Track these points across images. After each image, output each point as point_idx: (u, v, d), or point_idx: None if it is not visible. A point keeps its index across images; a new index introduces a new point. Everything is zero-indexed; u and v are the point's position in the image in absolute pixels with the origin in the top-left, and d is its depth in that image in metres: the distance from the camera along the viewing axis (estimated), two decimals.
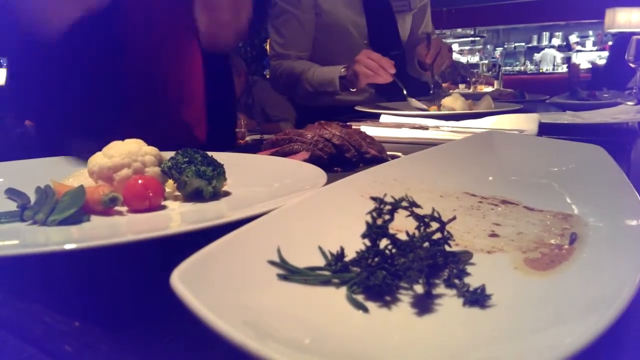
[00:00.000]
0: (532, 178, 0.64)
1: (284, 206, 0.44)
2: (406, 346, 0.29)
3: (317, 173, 0.67)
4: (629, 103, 1.67)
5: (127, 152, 0.63)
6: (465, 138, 0.77)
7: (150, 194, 0.59)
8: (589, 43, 9.46)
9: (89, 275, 0.44)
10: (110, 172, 0.62)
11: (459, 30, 9.76)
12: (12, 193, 0.62)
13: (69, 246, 0.40)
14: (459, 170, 0.65)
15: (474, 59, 9.72)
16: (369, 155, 0.91)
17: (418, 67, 2.13)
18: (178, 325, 0.35)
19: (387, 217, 0.37)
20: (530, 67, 9.76)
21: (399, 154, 0.95)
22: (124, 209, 0.59)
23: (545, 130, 1.18)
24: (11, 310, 0.37)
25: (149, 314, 0.38)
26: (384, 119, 1.43)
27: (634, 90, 2.02)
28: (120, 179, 0.62)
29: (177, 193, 0.64)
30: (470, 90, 3.96)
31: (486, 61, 9.13)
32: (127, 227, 0.56)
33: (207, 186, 0.61)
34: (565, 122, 1.35)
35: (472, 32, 10.00)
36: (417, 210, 0.39)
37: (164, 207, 0.60)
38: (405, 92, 1.83)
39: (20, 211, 0.55)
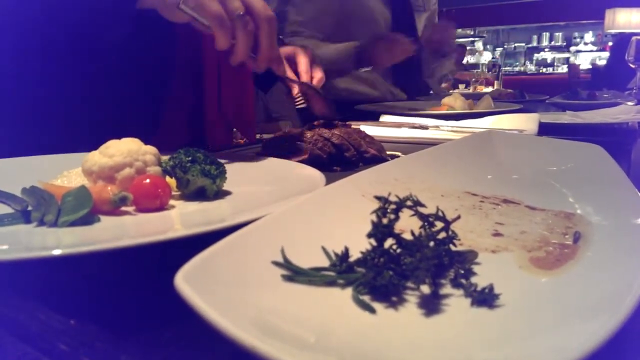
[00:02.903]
0: (532, 177, 0.64)
1: (285, 207, 0.44)
2: (414, 347, 0.29)
3: (315, 172, 0.67)
4: (629, 103, 1.68)
5: (128, 151, 0.63)
6: (464, 138, 0.77)
7: (161, 193, 0.58)
8: (588, 42, 9.47)
9: (87, 274, 0.44)
10: (111, 171, 0.61)
11: (459, 30, 9.76)
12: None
13: (96, 247, 0.40)
14: (459, 169, 0.65)
15: (474, 60, 9.73)
16: (369, 154, 0.91)
17: (431, 57, 2.16)
18: (176, 323, 0.35)
19: (392, 216, 0.37)
20: (530, 67, 9.77)
21: (399, 153, 0.95)
22: (130, 208, 0.58)
23: (545, 130, 1.18)
24: (7, 308, 0.37)
25: (147, 313, 0.38)
26: (383, 118, 1.43)
27: (634, 91, 2.03)
28: (123, 178, 0.61)
29: (175, 192, 0.64)
30: (470, 91, 3.97)
31: (486, 61, 9.14)
32: (142, 228, 0.55)
33: (211, 185, 0.61)
34: (565, 122, 1.35)
35: (472, 33, 10.01)
36: (421, 210, 0.38)
37: (170, 207, 0.60)
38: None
39: (23, 213, 0.54)
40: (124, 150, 0.63)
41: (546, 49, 9.86)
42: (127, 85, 1.00)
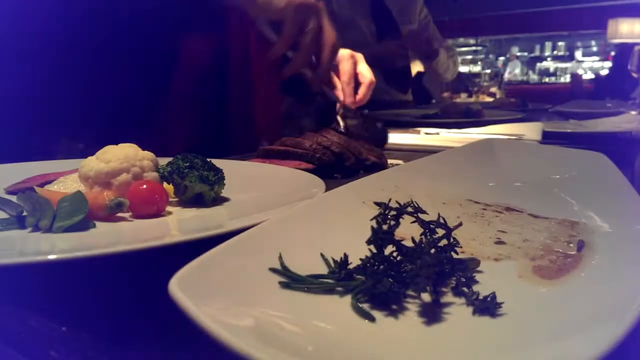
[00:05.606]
0: (535, 185, 0.63)
1: (284, 213, 0.44)
2: (414, 356, 0.28)
3: (315, 179, 0.67)
4: (632, 112, 1.67)
5: (125, 157, 0.62)
6: (465, 145, 0.76)
7: (158, 199, 0.58)
8: (591, 52, 9.49)
9: (81, 280, 0.43)
10: (108, 177, 0.61)
11: (461, 39, 9.78)
12: None
13: (91, 252, 0.39)
14: (460, 177, 0.64)
15: (476, 69, 9.75)
16: (369, 162, 0.90)
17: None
18: (170, 331, 0.34)
19: (392, 222, 0.36)
20: (532, 76, 9.78)
21: (399, 161, 0.95)
22: (126, 214, 0.58)
23: (548, 138, 1.18)
24: None
25: (141, 320, 0.37)
26: None
27: (637, 100, 2.02)
28: (120, 184, 0.60)
29: (172, 198, 0.63)
30: (472, 99, 3.99)
31: (488, 71, 9.16)
32: (138, 234, 0.54)
33: (209, 191, 0.61)
34: (569, 130, 1.34)
35: (474, 42, 10.03)
36: (422, 217, 0.38)
37: (167, 213, 0.60)
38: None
39: (18, 218, 0.54)
40: (121, 156, 0.62)
41: (549, 59, 9.87)
42: (156, 90, 1.02)
